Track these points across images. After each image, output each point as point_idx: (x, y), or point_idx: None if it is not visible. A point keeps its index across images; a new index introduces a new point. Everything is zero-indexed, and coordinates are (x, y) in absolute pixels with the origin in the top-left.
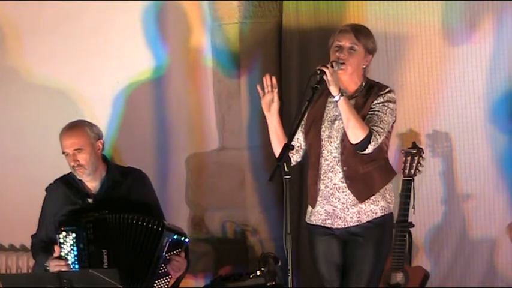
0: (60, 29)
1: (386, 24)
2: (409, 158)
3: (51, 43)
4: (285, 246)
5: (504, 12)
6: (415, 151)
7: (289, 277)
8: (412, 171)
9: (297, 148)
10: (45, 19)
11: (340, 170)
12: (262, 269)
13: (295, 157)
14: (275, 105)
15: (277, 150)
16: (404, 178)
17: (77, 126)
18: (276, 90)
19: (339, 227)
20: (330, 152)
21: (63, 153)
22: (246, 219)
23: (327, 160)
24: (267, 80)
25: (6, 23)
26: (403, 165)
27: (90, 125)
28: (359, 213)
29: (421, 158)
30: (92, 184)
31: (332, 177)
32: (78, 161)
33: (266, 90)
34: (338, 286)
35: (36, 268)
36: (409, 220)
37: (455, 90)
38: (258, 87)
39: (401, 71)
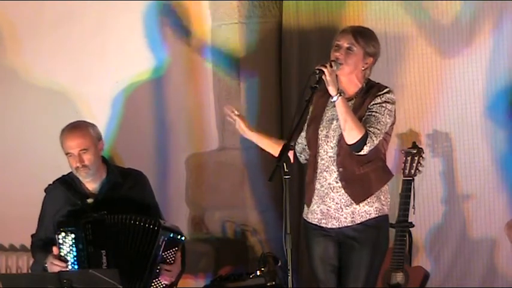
0: (60, 29)
1: (386, 24)
2: (409, 158)
3: (51, 43)
4: (285, 246)
5: (504, 12)
6: (415, 151)
7: (289, 277)
8: (412, 171)
9: (304, 147)
10: (45, 19)
11: (335, 170)
12: (262, 269)
13: (304, 155)
14: (243, 125)
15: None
16: (404, 178)
17: (81, 127)
18: (237, 113)
19: (334, 227)
20: (326, 151)
21: (67, 154)
22: (246, 219)
23: (323, 159)
24: (227, 112)
25: (5, 23)
26: (403, 165)
27: (92, 126)
28: (353, 214)
29: (421, 158)
30: (92, 185)
31: (327, 176)
32: (83, 161)
33: (232, 120)
34: (333, 287)
35: (35, 266)
36: (409, 220)
37: (455, 90)
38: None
39: (401, 71)
